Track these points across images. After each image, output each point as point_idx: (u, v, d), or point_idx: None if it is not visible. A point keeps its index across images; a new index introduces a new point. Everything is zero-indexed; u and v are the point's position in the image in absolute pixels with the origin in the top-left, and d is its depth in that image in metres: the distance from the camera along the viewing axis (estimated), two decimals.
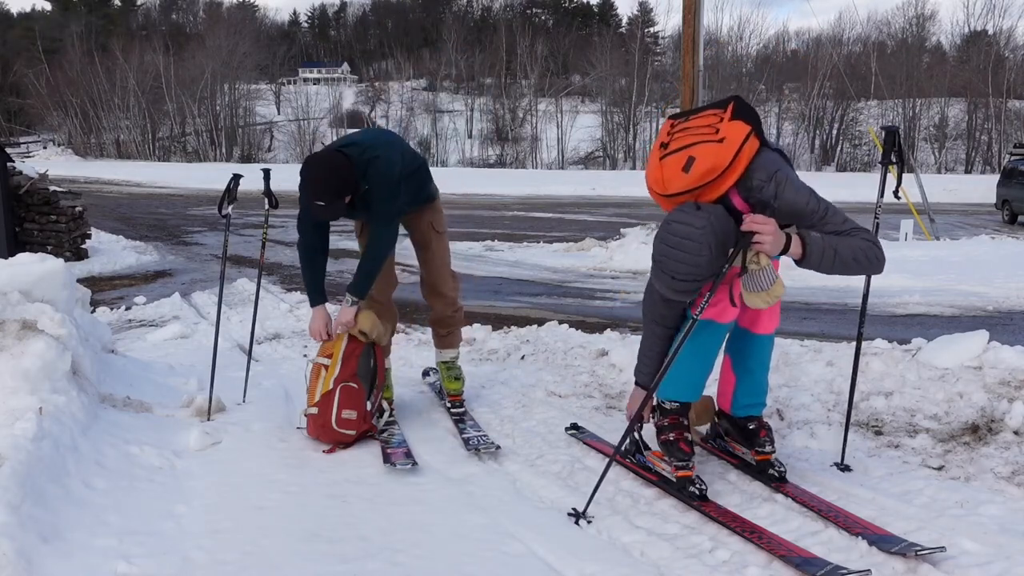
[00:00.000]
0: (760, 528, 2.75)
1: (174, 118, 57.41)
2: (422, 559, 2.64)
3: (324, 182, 3.50)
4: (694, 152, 2.76)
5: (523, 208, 22.49)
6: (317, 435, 3.65)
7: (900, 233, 12.63)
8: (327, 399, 3.62)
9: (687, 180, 2.75)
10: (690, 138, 2.82)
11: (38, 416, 3.02)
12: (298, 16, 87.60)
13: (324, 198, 3.49)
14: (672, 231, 2.68)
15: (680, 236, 2.66)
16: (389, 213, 3.69)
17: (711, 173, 2.72)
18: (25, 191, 11.11)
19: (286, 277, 10.11)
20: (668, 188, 2.80)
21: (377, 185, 3.60)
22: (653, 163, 2.88)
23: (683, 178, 2.75)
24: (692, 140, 2.81)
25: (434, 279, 4.06)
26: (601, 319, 7.44)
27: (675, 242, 2.66)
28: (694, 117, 2.95)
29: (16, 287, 3.69)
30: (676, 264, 2.67)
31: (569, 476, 3.32)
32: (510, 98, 58.19)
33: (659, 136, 3.01)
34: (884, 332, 5.38)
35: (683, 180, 2.76)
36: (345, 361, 3.70)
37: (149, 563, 2.54)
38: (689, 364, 3.08)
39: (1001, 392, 3.71)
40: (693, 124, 2.90)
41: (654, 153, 2.93)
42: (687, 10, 10.74)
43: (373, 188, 3.61)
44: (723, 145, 2.74)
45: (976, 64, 50.34)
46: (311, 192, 3.50)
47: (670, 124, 3.01)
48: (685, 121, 2.95)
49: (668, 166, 2.81)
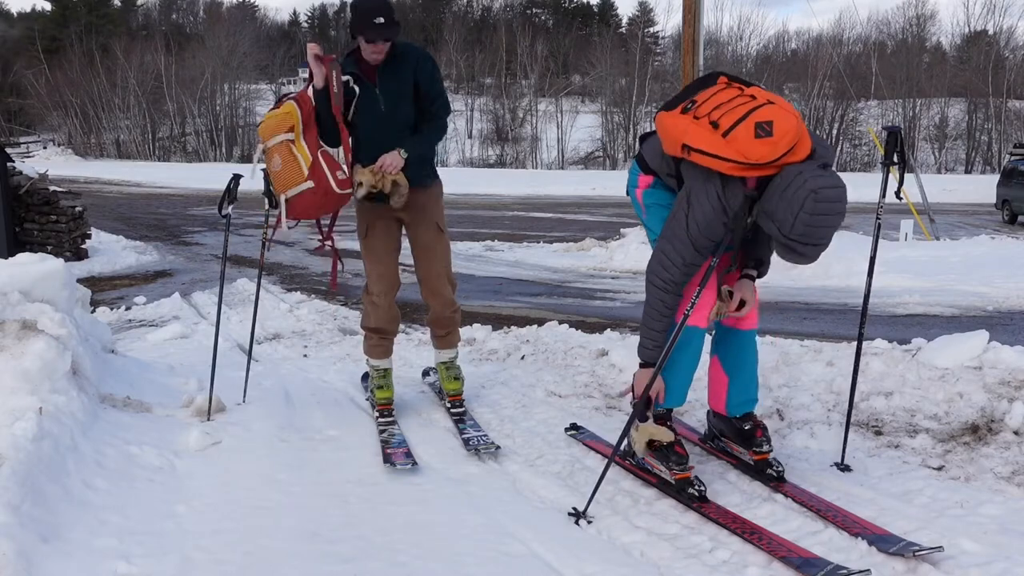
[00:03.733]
0: (760, 528, 2.75)
1: (174, 118, 57.34)
2: (422, 559, 2.64)
3: (373, 3, 3.49)
4: (761, 116, 2.66)
5: (523, 208, 22.48)
6: (318, 208, 3.61)
7: (900, 233, 12.63)
8: (316, 168, 3.53)
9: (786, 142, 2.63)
10: (738, 108, 2.72)
11: (38, 416, 3.02)
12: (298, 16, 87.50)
13: (384, 13, 3.47)
14: (826, 197, 2.55)
15: (833, 200, 2.57)
16: (448, 107, 3.79)
17: (794, 133, 2.64)
18: (25, 191, 11.12)
19: (286, 277, 10.11)
20: (776, 152, 2.64)
21: (434, 78, 3.69)
22: (745, 138, 2.67)
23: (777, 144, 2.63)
24: (745, 109, 2.71)
25: (434, 280, 4.01)
26: (601, 319, 7.44)
27: (831, 208, 2.57)
28: (703, 95, 2.87)
29: (16, 287, 3.69)
30: (828, 230, 2.60)
31: (569, 476, 3.32)
32: (510, 98, 58.12)
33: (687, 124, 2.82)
34: (884, 332, 5.38)
35: (783, 143, 2.63)
36: (308, 128, 3.60)
37: (149, 563, 2.54)
38: (680, 372, 3.10)
39: (1001, 392, 3.71)
40: (714, 99, 2.81)
41: (730, 131, 2.71)
42: (687, 10, 10.75)
43: (431, 79, 3.67)
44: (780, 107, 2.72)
45: (976, 64, 50.29)
46: (372, 12, 3.45)
47: (681, 109, 2.89)
48: (694, 107, 2.84)
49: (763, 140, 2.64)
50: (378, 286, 3.92)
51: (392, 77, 3.67)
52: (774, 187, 2.66)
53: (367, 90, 3.67)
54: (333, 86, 3.58)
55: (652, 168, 3.13)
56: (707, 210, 2.80)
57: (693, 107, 2.85)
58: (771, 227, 2.69)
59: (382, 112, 3.69)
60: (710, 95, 2.85)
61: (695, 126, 2.79)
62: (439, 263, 4.01)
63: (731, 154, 2.67)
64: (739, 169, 2.69)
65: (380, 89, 3.67)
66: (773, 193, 2.66)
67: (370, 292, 3.95)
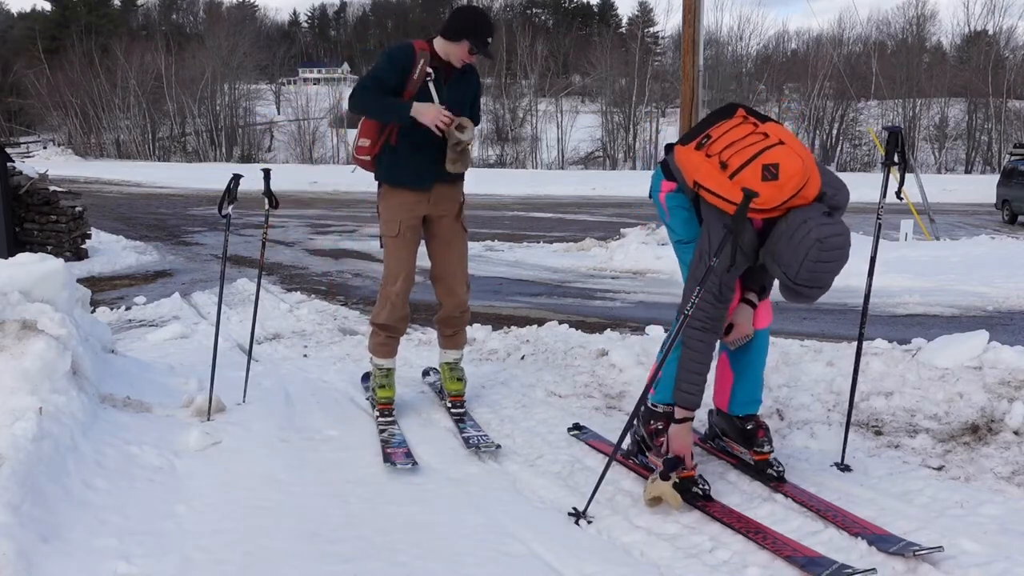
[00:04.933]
0: (765, 528, 2.75)
1: (174, 118, 57.34)
2: (422, 559, 2.64)
3: (490, 20, 3.90)
4: (768, 159, 2.68)
5: (523, 208, 22.48)
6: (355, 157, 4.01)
7: (900, 233, 12.63)
8: (362, 126, 3.89)
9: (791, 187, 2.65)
10: (747, 149, 2.75)
11: (38, 416, 3.02)
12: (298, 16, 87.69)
13: (493, 35, 3.83)
14: (832, 245, 2.59)
15: (837, 247, 2.61)
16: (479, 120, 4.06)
17: (802, 175, 2.65)
18: (25, 191, 11.12)
19: (286, 277, 10.11)
20: (778, 199, 2.66)
21: (479, 95, 4.00)
22: (751, 181, 2.69)
23: (782, 188, 2.65)
24: (754, 150, 2.73)
25: (451, 278, 4.01)
26: (601, 319, 7.44)
27: (836, 255, 2.61)
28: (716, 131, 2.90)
29: (16, 287, 3.69)
30: (832, 275, 2.65)
31: (569, 476, 3.32)
32: (510, 98, 58.12)
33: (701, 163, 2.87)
34: (884, 332, 5.38)
35: (786, 190, 2.65)
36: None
37: (149, 563, 2.54)
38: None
39: (1001, 392, 3.71)
40: (727, 136, 2.84)
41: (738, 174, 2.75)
42: (687, 10, 10.75)
43: (476, 96, 3.96)
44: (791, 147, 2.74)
45: (976, 64, 50.30)
46: (488, 27, 3.79)
47: (695, 145, 2.92)
48: (709, 142, 2.87)
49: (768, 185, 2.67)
50: (399, 285, 3.92)
51: (460, 82, 3.84)
52: (779, 232, 2.69)
53: (439, 85, 3.77)
54: (414, 74, 3.74)
55: (676, 178, 3.15)
56: (723, 242, 2.82)
57: (707, 143, 2.88)
58: (776, 270, 2.73)
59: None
60: (724, 131, 2.88)
61: (706, 164, 2.84)
62: (457, 261, 4.02)
63: (736, 197, 2.69)
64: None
65: (449, 87, 3.78)
66: (779, 238, 2.68)
67: (390, 288, 3.95)
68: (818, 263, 2.60)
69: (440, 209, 3.92)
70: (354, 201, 22.29)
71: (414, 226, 3.91)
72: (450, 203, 3.94)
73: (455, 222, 3.98)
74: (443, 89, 3.75)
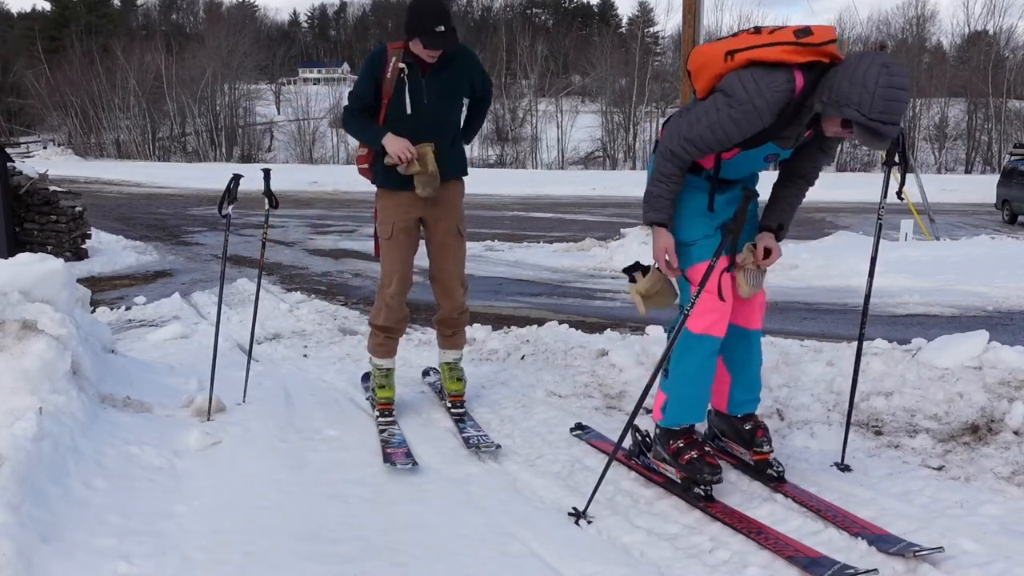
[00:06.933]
0: (767, 528, 2.75)
1: (174, 118, 57.32)
2: (422, 559, 2.64)
3: (443, 6, 3.66)
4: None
5: (523, 208, 22.48)
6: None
7: (900, 233, 12.63)
8: None
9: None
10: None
11: (38, 416, 3.02)
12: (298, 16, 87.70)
13: (445, 22, 3.58)
14: (897, 70, 2.59)
15: (901, 74, 2.60)
16: (490, 81, 4.05)
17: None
18: (25, 191, 11.12)
19: (286, 277, 10.11)
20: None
21: (485, 76, 3.96)
22: (789, 36, 2.77)
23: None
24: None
25: (448, 280, 4.02)
26: (601, 319, 7.44)
27: (900, 81, 2.58)
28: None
29: (16, 287, 3.69)
30: (902, 104, 2.63)
31: (569, 476, 3.32)
32: (510, 98, 58.10)
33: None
34: (884, 332, 5.38)
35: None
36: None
37: (149, 563, 2.54)
38: (692, 385, 3.07)
39: (1001, 392, 3.71)
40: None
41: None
42: (687, 10, 10.76)
43: (483, 79, 3.94)
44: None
45: (976, 64, 50.31)
46: (432, 17, 3.57)
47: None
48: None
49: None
50: (394, 287, 3.93)
51: (444, 75, 3.77)
52: (838, 75, 2.64)
53: (415, 80, 3.73)
54: (388, 73, 3.71)
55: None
56: (723, 117, 2.77)
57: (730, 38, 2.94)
58: (851, 112, 2.61)
59: (423, 104, 3.75)
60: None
61: (736, 38, 2.87)
62: (455, 264, 4.02)
63: (780, 37, 2.75)
64: (790, 51, 2.72)
65: (428, 82, 3.74)
66: (841, 81, 2.62)
67: (385, 291, 3.95)
68: (889, 88, 2.55)
69: (436, 212, 3.91)
70: (354, 201, 22.30)
71: (407, 228, 3.90)
72: (446, 206, 3.92)
73: (451, 225, 3.96)
74: (421, 82, 3.72)
